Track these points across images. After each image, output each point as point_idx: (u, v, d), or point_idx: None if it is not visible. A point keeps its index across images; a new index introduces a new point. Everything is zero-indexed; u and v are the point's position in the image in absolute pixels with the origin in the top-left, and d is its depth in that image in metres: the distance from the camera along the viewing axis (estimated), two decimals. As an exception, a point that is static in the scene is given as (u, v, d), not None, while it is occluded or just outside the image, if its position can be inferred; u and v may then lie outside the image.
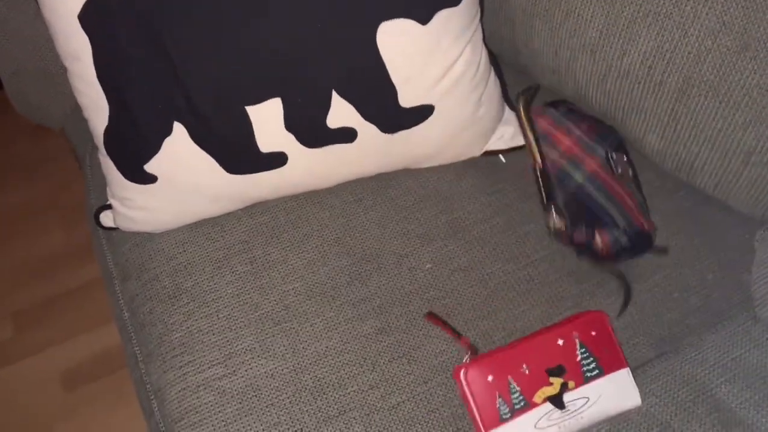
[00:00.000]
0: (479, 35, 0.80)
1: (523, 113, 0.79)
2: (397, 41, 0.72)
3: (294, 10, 0.68)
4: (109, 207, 0.84)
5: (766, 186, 0.74)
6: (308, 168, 0.78)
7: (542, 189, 0.77)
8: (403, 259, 0.81)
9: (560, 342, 0.69)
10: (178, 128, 0.73)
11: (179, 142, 0.73)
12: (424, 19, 0.72)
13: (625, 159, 0.79)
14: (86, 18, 0.69)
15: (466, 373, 0.66)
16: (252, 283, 0.79)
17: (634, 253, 0.77)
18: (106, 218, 0.86)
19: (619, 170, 0.77)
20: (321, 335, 0.75)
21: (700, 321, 0.77)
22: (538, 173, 0.77)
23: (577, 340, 0.70)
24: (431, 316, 0.76)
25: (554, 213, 0.76)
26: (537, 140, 0.78)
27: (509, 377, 0.66)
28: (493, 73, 0.84)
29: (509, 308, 0.77)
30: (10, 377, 1.36)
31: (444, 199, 0.85)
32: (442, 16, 0.73)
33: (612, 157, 0.77)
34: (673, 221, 0.83)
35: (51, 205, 1.64)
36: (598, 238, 0.75)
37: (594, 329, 0.70)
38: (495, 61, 0.86)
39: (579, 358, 0.69)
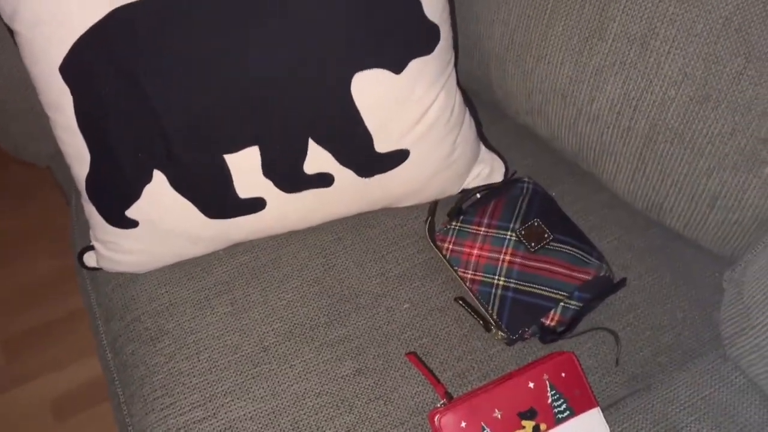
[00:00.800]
0: (453, 80, 0.81)
1: (432, 244, 0.82)
2: (372, 90, 0.74)
3: (269, 61, 0.70)
4: (93, 248, 0.86)
5: (733, 228, 0.76)
6: (286, 212, 0.80)
7: (473, 316, 0.78)
8: (381, 299, 0.82)
9: (531, 385, 0.71)
10: (158, 176, 0.74)
11: (159, 189, 0.75)
12: (397, 68, 0.74)
13: (537, 223, 0.79)
14: (67, 70, 0.71)
15: (440, 419, 0.68)
16: (232, 325, 0.81)
17: (593, 303, 0.78)
18: (90, 259, 0.87)
19: (533, 244, 0.78)
20: (299, 377, 0.77)
21: (671, 359, 0.79)
22: (461, 303, 0.79)
23: (547, 382, 0.71)
24: (413, 356, 0.77)
25: (494, 331, 0.77)
26: (453, 268, 0.80)
27: (482, 423, 0.68)
28: (467, 115, 0.86)
29: (484, 348, 0.78)
30: (1, 406, 1.37)
31: (422, 238, 0.87)
32: (415, 65, 0.75)
33: (522, 237, 0.79)
34: (645, 259, 0.84)
35: (42, 232, 1.65)
36: (548, 322, 0.76)
37: (564, 370, 0.72)
38: (469, 101, 0.88)
39: (550, 400, 0.71)
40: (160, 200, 0.76)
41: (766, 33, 0.62)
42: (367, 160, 0.78)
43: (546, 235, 0.80)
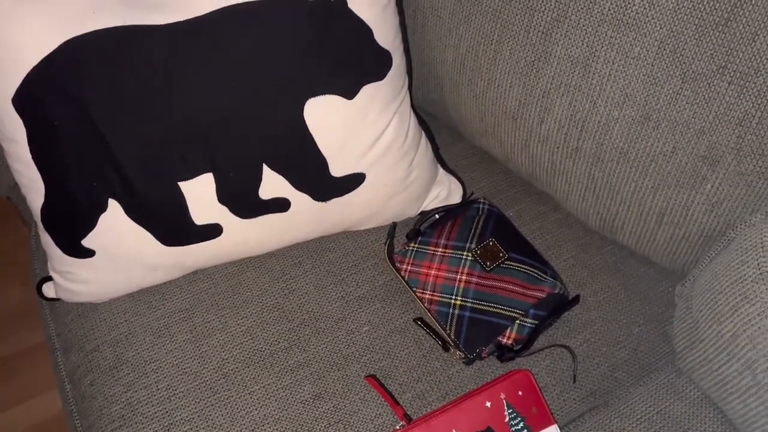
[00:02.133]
0: (407, 104, 0.83)
1: (390, 266, 0.83)
2: (325, 116, 0.75)
3: (219, 91, 0.71)
4: (52, 278, 0.85)
5: (681, 243, 0.78)
6: (243, 237, 0.80)
7: (431, 336, 0.79)
8: (341, 322, 0.83)
9: (488, 404, 0.71)
10: (113, 204, 0.74)
11: (114, 218, 0.75)
12: (350, 94, 0.76)
13: (492, 243, 0.81)
14: (19, 101, 0.71)
15: (397, 441, 0.68)
16: (192, 352, 0.81)
17: (549, 320, 0.79)
18: (49, 289, 0.86)
19: (488, 263, 0.79)
20: (259, 403, 0.76)
21: (628, 374, 0.80)
22: (420, 324, 0.80)
23: (504, 401, 0.72)
24: (372, 379, 0.77)
25: (452, 351, 0.78)
26: (412, 289, 0.81)
27: (439, 443, 0.68)
28: (423, 138, 0.87)
29: (443, 368, 0.79)
30: (-32, 439, 1.34)
31: (382, 260, 0.88)
32: (367, 90, 0.77)
33: (477, 257, 0.80)
34: (600, 276, 0.86)
35: (10, 261, 1.63)
36: (504, 340, 0.77)
37: (520, 388, 0.73)
38: (425, 124, 0.90)
39: (507, 419, 0.71)
40: (115, 229, 0.76)
41: (699, 55, 0.65)
42: (323, 184, 0.79)
43: (501, 254, 0.81)
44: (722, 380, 0.69)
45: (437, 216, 0.87)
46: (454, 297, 0.79)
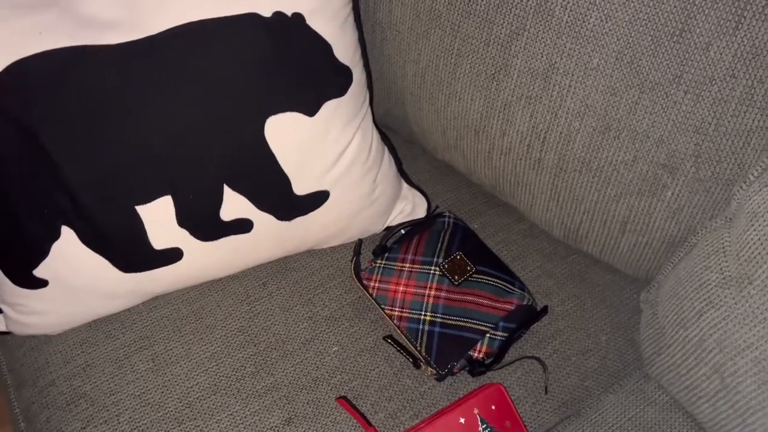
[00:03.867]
0: (369, 120, 0.82)
1: (358, 284, 0.82)
2: (286, 134, 0.73)
3: (176, 108, 0.69)
4: (1, 311, 0.81)
5: (644, 250, 0.79)
6: (205, 261, 0.78)
7: (402, 353, 0.78)
8: (309, 343, 0.81)
9: (462, 420, 0.70)
10: (66, 231, 0.71)
11: (68, 246, 0.72)
12: (311, 111, 0.74)
13: (459, 256, 0.81)
14: (-37, 127, 0.68)
15: (371, 463, 0.66)
16: (154, 381, 0.77)
17: (519, 332, 0.79)
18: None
19: (456, 277, 0.79)
20: (227, 431, 0.74)
21: (598, 383, 0.80)
22: (390, 342, 0.79)
23: (478, 416, 0.71)
24: (343, 400, 0.76)
25: (424, 368, 0.77)
26: (380, 306, 0.80)
27: (413, 463, 0.67)
28: (386, 153, 0.86)
29: (415, 386, 0.78)
30: None
31: (349, 278, 0.86)
32: (328, 107, 0.76)
33: (445, 271, 0.80)
34: (567, 285, 0.86)
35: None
36: (476, 354, 0.76)
37: (493, 402, 0.72)
38: (388, 139, 0.89)
39: (482, 434, 0.71)
40: (70, 257, 0.73)
41: (655, 65, 0.66)
42: (286, 203, 0.77)
43: (469, 268, 0.80)
44: (691, 385, 0.69)
45: (403, 231, 0.87)
46: (423, 313, 0.78)
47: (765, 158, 0.63)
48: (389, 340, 0.79)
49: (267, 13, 0.70)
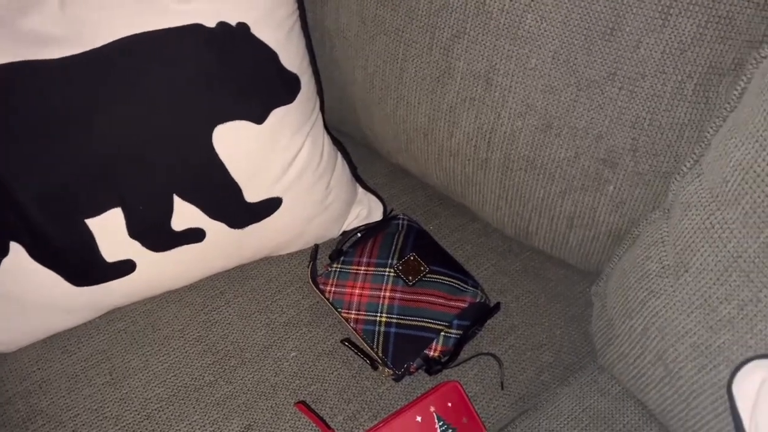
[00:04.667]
0: (319, 126, 0.83)
1: (314, 288, 0.82)
2: (235, 142, 0.74)
3: (121, 120, 0.69)
4: (-46, 331, 0.80)
5: (592, 244, 0.81)
6: (159, 272, 0.78)
7: (359, 356, 0.79)
8: (267, 350, 0.81)
9: (419, 418, 0.71)
10: (16, 247, 0.71)
11: (18, 262, 0.71)
12: (259, 119, 0.75)
13: (413, 257, 0.82)
14: None
15: (328, 465, 0.67)
16: (112, 395, 0.77)
17: (474, 329, 0.80)
18: (-48, 343, 0.81)
19: (410, 277, 0.80)
20: (185, 441, 0.74)
21: (554, 376, 0.82)
22: (347, 344, 0.79)
23: (434, 414, 0.72)
24: (302, 405, 0.76)
25: (381, 369, 0.77)
26: (337, 310, 0.81)
27: (370, 463, 0.68)
28: (339, 158, 0.87)
29: (373, 387, 0.79)
30: None
31: (307, 283, 0.87)
32: (277, 115, 0.76)
33: (399, 272, 0.81)
34: (521, 282, 0.88)
35: None
36: (431, 353, 0.77)
37: (450, 400, 0.73)
38: (341, 145, 0.90)
39: (438, 431, 0.72)
40: (20, 273, 0.72)
41: (590, 63, 0.68)
42: (238, 211, 0.77)
43: (422, 268, 0.81)
44: (638, 373, 0.71)
45: (359, 235, 0.88)
46: (379, 314, 0.79)
47: (697, 150, 0.65)
48: (346, 343, 0.80)
49: (211, 23, 0.71)
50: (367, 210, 0.91)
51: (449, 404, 0.73)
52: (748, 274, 0.56)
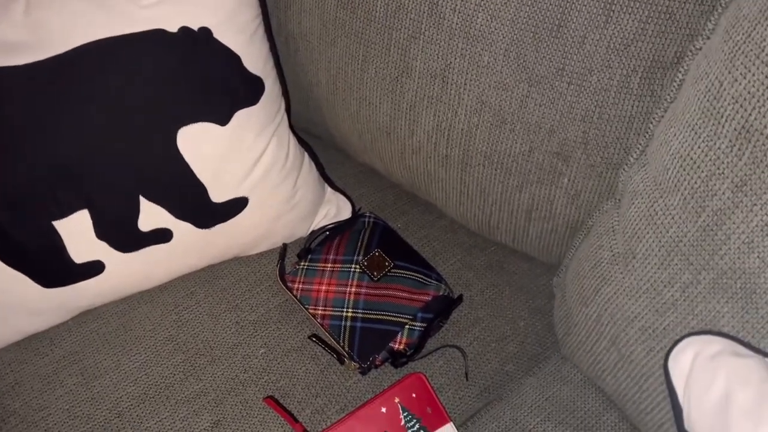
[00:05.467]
0: (284, 126, 0.85)
1: (283, 286, 0.84)
2: (199, 144, 0.76)
3: (85, 124, 0.70)
4: (-73, 336, 0.81)
5: (551, 236, 0.83)
6: (127, 272, 0.79)
7: (327, 350, 0.80)
8: (236, 347, 0.83)
9: (383, 410, 0.73)
10: (-16, 250, 0.72)
11: (-13, 264, 0.73)
12: (222, 120, 0.77)
13: (378, 253, 0.84)
14: None
15: (294, 456, 0.68)
16: (83, 395, 0.79)
17: (439, 320, 0.82)
18: (-75, 348, 0.82)
19: (375, 273, 0.82)
20: (155, 438, 0.75)
21: (518, 367, 0.83)
22: (314, 340, 0.81)
23: (399, 405, 0.74)
24: (270, 400, 0.77)
25: (347, 363, 0.79)
26: (304, 306, 0.82)
27: (337, 454, 0.69)
28: (306, 158, 0.89)
29: (340, 381, 0.80)
30: None
31: (276, 282, 0.88)
32: (241, 116, 0.78)
33: (365, 268, 0.83)
34: (485, 275, 0.90)
35: None
36: (396, 346, 0.79)
37: (414, 391, 0.75)
38: (307, 145, 0.92)
39: (403, 422, 0.73)
40: (-11, 275, 0.74)
41: (539, 59, 0.70)
42: (204, 211, 0.79)
43: (387, 264, 0.83)
44: (595, 360, 0.73)
45: (327, 233, 0.89)
46: (345, 309, 0.81)
47: (642, 141, 0.67)
48: (314, 339, 0.82)
49: (173, 28, 0.73)
50: (335, 209, 0.93)
51: (413, 395, 0.75)
52: (689, 257, 0.58)
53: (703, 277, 0.57)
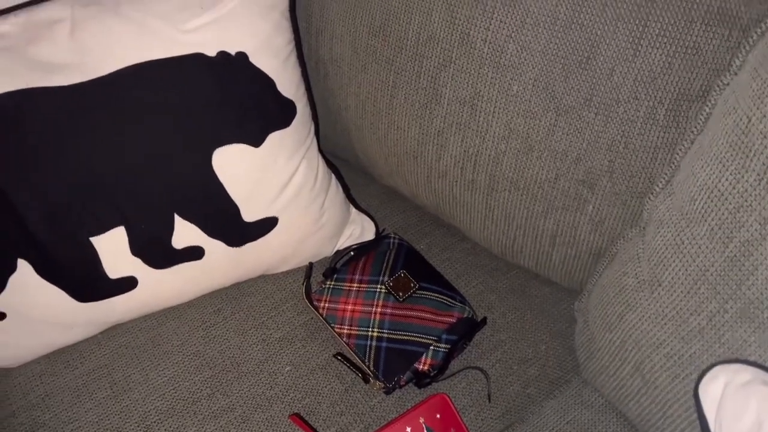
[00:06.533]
0: (314, 149, 0.87)
1: (309, 305, 0.86)
2: (233, 164, 0.78)
3: (125, 144, 0.73)
4: (-39, 346, 0.83)
5: (574, 262, 0.84)
6: (159, 288, 0.81)
7: (352, 369, 0.82)
8: (263, 364, 0.84)
9: (408, 429, 0.74)
10: (23, 264, 0.74)
11: (25, 278, 0.75)
12: (256, 142, 0.79)
13: (404, 274, 0.85)
14: None
15: (319, 473, 0.70)
16: (112, 408, 0.80)
17: (461, 344, 0.83)
18: (-42, 358, 0.84)
19: (400, 294, 0.84)
20: (183, 452, 0.77)
21: (539, 389, 0.84)
22: (340, 359, 0.83)
23: (423, 425, 0.75)
24: (296, 417, 0.79)
25: (372, 382, 0.80)
26: (330, 325, 0.84)
27: (360, 471, 0.70)
28: (333, 180, 0.91)
29: (365, 400, 0.81)
30: None
31: (301, 300, 0.90)
32: (274, 138, 0.80)
33: (390, 289, 0.84)
34: (507, 299, 0.91)
35: None
36: (421, 366, 0.80)
37: (438, 411, 0.76)
38: (335, 167, 0.94)
39: (427, 441, 0.74)
40: (27, 289, 0.76)
41: (568, 90, 0.72)
42: (236, 229, 0.81)
43: (412, 285, 0.85)
44: (618, 384, 0.74)
45: (352, 253, 0.91)
46: (370, 329, 0.82)
47: (668, 171, 0.69)
48: (339, 357, 0.83)
49: (212, 52, 0.76)
50: (360, 229, 0.95)
51: (438, 416, 0.76)
52: (716, 286, 0.60)
53: (730, 306, 0.59)
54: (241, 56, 0.77)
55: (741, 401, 0.49)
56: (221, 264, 0.83)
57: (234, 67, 0.77)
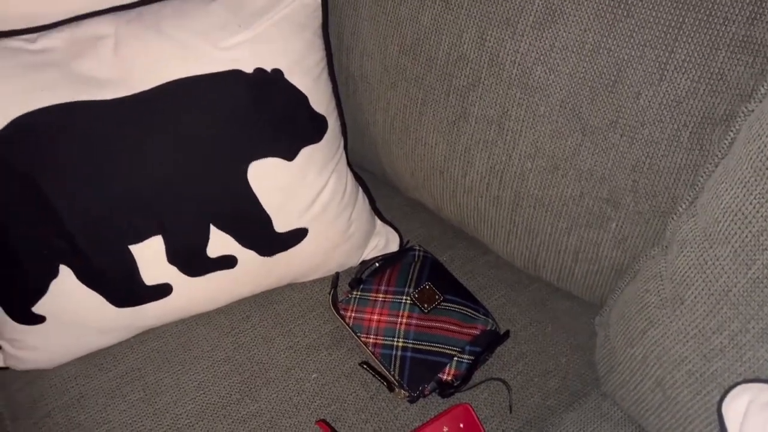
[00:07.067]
0: (343, 163, 0.90)
1: (336, 314, 0.88)
2: (267, 177, 0.81)
3: (164, 157, 0.75)
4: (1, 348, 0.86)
5: (596, 277, 0.86)
6: (193, 295, 0.84)
7: (377, 378, 0.84)
8: (290, 371, 0.87)
9: (432, 438, 0.76)
10: (64, 270, 0.77)
11: (66, 283, 0.78)
12: (290, 156, 0.82)
13: (429, 286, 0.88)
14: (-31, 177, 0.74)
15: (347, 479, 0.72)
16: (145, 410, 0.83)
17: (484, 355, 0.85)
18: (-2, 359, 0.87)
19: (425, 305, 0.86)
20: (213, 455, 0.79)
21: (559, 401, 0.86)
22: (365, 367, 0.85)
23: (447, 434, 0.77)
24: (322, 423, 0.81)
25: (397, 391, 0.83)
26: (356, 335, 0.86)
27: (386, 478, 0.72)
28: (360, 193, 0.94)
29: (389, 408, 0.84)
30: None
31: (327, 309, 0.92)
32: (306, 152, 0.83)
33: (416, 300, 0.87)
34: (529, 312, 0.93)
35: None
36: (445, 377, 0.82)
37: (461, 421, 0.78)
38: (362, 180, 0.97)
39: (451, 450, 0.76)
40: (67, 293, 0.78)
41: (594, 112, 0.74)
42: (268, 240, 0.84)
43: (437, 297, 0.87)
44: (638, 399, 0.76)
45: (377, 264, 0.93)
46: (396, 339, 0.84)
47: (692, 193, 0.71)
48: (365, 366, 0.85)
49: (249, 69, 0.78)
50: (385, 241, 0.97)
51: (461, 425, 0.78)
52: (738, 307, 0.62)
53: (752, 326, 0.61)
54: (277, 73, 0.80)
55: (765, 420, 0.51)
56: (252, 273, 0.86)
57: (270, 84, 0.80)
